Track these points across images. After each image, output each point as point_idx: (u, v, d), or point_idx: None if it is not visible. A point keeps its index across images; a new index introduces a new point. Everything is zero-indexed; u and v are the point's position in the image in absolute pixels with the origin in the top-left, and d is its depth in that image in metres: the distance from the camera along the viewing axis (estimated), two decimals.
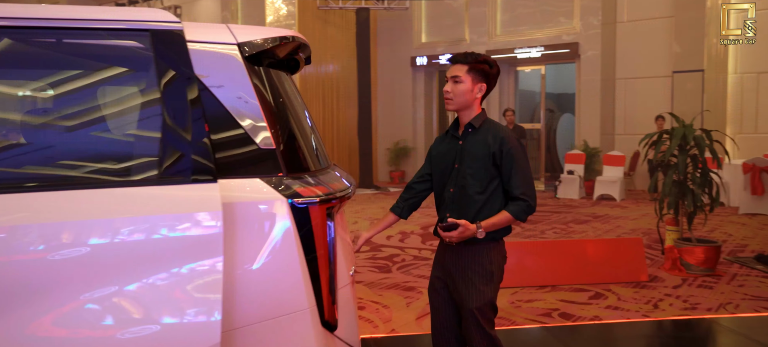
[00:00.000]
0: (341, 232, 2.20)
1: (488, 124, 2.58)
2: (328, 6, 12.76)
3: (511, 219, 2.51)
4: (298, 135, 2.05)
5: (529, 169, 2.56)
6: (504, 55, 13.14)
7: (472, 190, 2.54)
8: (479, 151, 2.53)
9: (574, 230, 7.90)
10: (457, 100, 2.57)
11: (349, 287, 2.13)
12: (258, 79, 1.94)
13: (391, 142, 14.61)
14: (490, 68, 2.57)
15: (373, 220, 8.33)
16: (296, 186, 1.86)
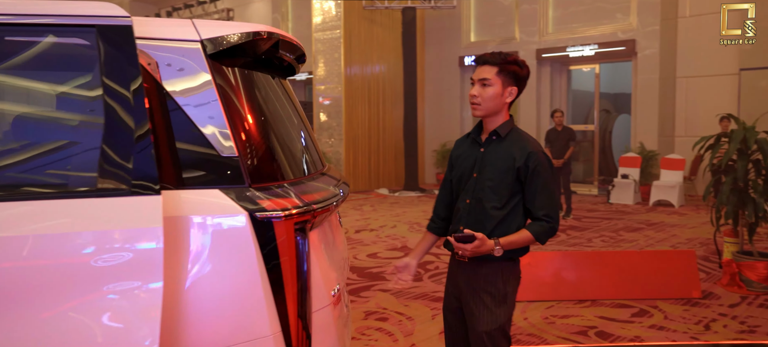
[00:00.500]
0: (322, 248, 2.00)
1: (516, 134, 2.35)
2: (373, 6, 12.62)
3: (531, 239, 2.30)
4: (272, 141, 1.86)
5: (555, 188, 2.35)
6: (556, 54, 12.65)
7: (490, 204, 2.32)
8: (502, 162, 2.31)
9: (623, 238, 7.43)
10: (485, 105, 2.32)
11: (328, 309, 1.93)
12: (224, 80, 1.77)
13: (439, 143, 14.34)
14: (521, 69, 2.34)
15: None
16: (261, 199, 1.68)
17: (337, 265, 2.18)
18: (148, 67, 1.71)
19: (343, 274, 2.30)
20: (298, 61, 2.33)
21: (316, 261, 1.87)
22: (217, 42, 1.76)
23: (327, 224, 2.11)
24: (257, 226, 1.65)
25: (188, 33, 1.75)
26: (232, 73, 1.82)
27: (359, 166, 13.30)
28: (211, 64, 1.74)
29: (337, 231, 2.33)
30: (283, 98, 2.28)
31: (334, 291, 1.99)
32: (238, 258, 1.63)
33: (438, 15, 14.17)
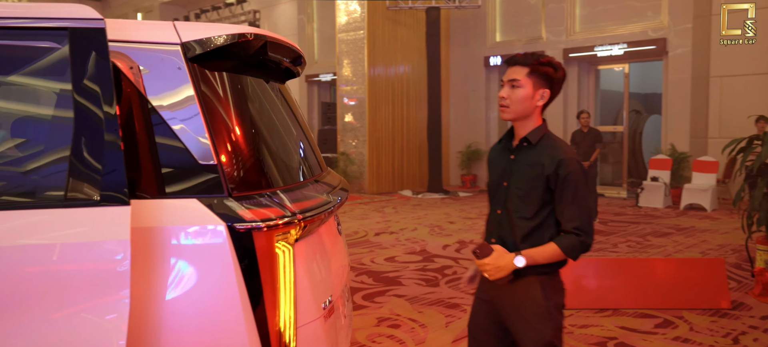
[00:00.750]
0: (313, 257, 1.92)
1: (548, 140, 2.20)
2: (397, 6, 12.53)
3: (559, 253, 2.12)
4: (260, 147, 1.79)
5: (588, 199, 2.16)
6: (583, 53, 12.37)
7: (519, 215, 2.17)
8: (532, 171, 2.16)
9: (651, 244, 7.18)
10: (514, 107, 2.18)
11: (317, 323, 1.84)
12: (208, 85, 1.70)
13: (463, 144, 14.16)
14: (555, 71, 2.18)
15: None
16: (241, 209, 1.60)
17: (331, 275, 2.10)
18: (129, 71, 1.65)
19: (340, 283, 2.21)
20: (295, 63, 2.25)
21: (304, 272, 1.78)
22: (200, 45, 1.69)
23: (321, 232, 2.03)
24: (236, 238, 1.57)
25: (168, 36, 1.69)
26: (217, 76, 1.75)
27: (383, 167, 13.22)
28: (193, 68, 1.68)
29: (333, 239, 2.24)
30: (278, 103, 2.20)
31: (325, 303, 1.90)
32: (215, 271, 1.56)
33: (463, 15, 14.01)
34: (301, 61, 2.30)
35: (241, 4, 17.35)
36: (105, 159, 1.42)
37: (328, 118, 14.50)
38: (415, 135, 13.81)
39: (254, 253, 1.59)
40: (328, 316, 1.93)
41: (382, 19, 13.03)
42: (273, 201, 1.71)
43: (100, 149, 1.43)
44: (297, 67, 2.31)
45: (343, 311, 2.33)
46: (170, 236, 1.53)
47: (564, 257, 2.13)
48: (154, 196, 1.59)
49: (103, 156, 1.43)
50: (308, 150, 2.32)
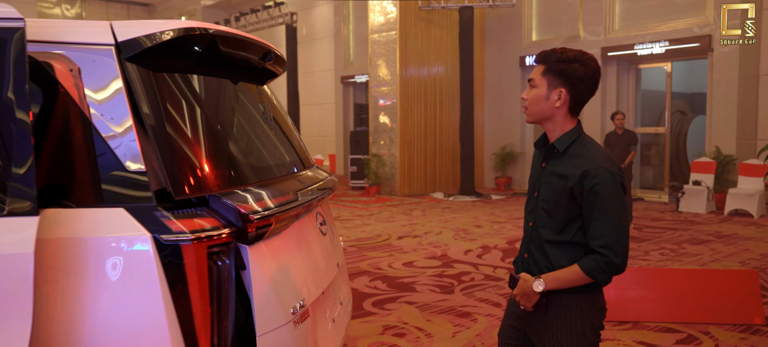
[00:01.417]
0: (282, 259, 1.82)
1: (577, 147, 1.99)
2: (430, 6, 12.37)
3: (582, 276, 1.91)
4: (199, 152, 1.70)
5: (619, 215, 1.90)
6: (623, 52, 11.92)
7: (546, 229, 2.01)
8: (558, 182, 1.98)
9: (686, 252, 6.81)
10: (531, 109, 2.03)
11: (286, 329, 1.72)
12: (146, 86, 1.61)
13: (498, 146, 13.88)
14: (572, 67, 1.95)
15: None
16: (168, 219, 1.51)
17: (307, 277, 1.99)
18: (68, 73, 1.59)
19: (320, 285, 2.10)
20: (265, 59, 2.16)
21: (265, 276, 1.68)
22: (137, 44, 1.62)
23: (291, 232, 1.93)
24: (163, 250, 1.49)
25: (103, 36, 1.62)
26: (161, 77, 1.67)
27: (414, 168, 13.07)
28: (132, 68, 1.60)
29: (312, 239, 2.13)
30: (247, 103, 2.12)
31: (294, 307, 1.79)
32: (139, 286, 1.48)
33: (498, 14, 13.73)
34: (273, 58, 2.21)
35: (278, 7, 17.52)
36: (13, 168, 1.36)
37: (361, 119, 14.46)
38: (448, 136, 13.62)
39: (182, 267, 1.50)
40: (299, 321, 1.82)
41: (414, 20, 12.89)
42: (210, 210, 1.62)
43: (8, 157, 1.36)
44: (269, 64, 2.22)
45: (330, 315, 2.22)
46: (91, 248, 1.46)
47: (588, 280, 1.92)
48: (82, 205, 1.52)
49: (11, 164, 1.36)
50: (280, 150, 2.23)
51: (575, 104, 2.00)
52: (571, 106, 2.00)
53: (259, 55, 2.11)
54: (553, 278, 1.95)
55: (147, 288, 1.47)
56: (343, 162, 17.54)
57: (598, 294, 2.03)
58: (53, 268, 1.42)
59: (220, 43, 1.80)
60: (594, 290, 2.01)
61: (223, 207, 1.63)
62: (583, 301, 1.99)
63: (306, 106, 18.73)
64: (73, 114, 1.55)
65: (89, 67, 1.58)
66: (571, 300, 1.98)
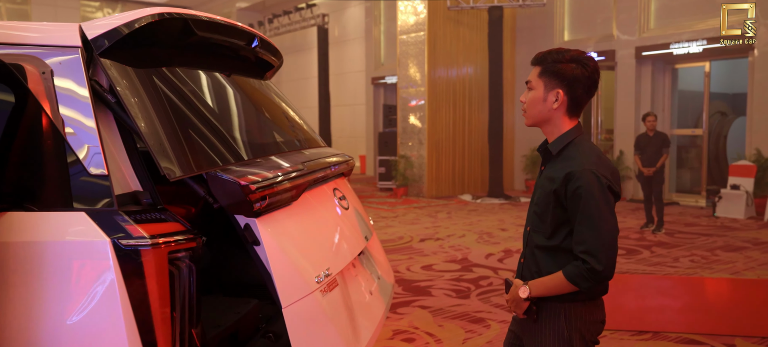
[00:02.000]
0: (289, 232, 1.79)
1: (571, 150, 1.93)
2: (458, 6, 12.24)
3: (566, 284, 1.85)
4: (180, 141, 1.67)
5: (606, 220, 1.82)
6: (658, 52, 11.56)
7: (538, 235, 1.98)
8: (548, 185, 1.94)
9: (718, 259, 6.53)
10: (529, 111, 1.97)
11: (312, 298, 1.70)
12: (120, 82, 1.60)
13: (529, 148, 13.64)
14: (573, 68, 1.88)
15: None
16: (128, 223, 1.49)
17: (329, 247, 1.96)
18: (40, 76, 1.59)
19: (345, 255, 2.04)
20: (249, 44, 2.14)
21: (280, 248, 1.66)
22: (107, 38, 1.60)
23: (310, 202, 1.90)
24: (122, 255, 1.47)
25: (70, 38, 1.61)
26: (136, 72, 1.65)
27: (442, 170, 12.96)
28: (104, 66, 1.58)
29: (331, 209, 2.09)
30: (237, 93, 2.10)
31: (319, 277, 1.74)
32: (95, 291, 1.46)
33: (529, 13, 13.50)
34: (260, 43, 2.19)
35: (310, 9, 17.65)
36: None
37: (389, 120, 14.42)
38: (477, 138, 13.45)
39: (142, 273, 1.48)
40: (326, 290, 1.77)
41: (443, 20, 12.78)
42: (172, 215, 1.59)
43: None
44: (261, 53, 2.21)
45: (366, 287, 2.16)
46: (49, 252, 1.45)
47: (573, 288, 1.85)
48: (44, 208, 1.51)
49: None
50: (278, 132, 2.20)
51: (573, 105, 1.93)
52: (569, 107, 1.93)
53: (244, 41, 2.09)
54: (539, 284, 1.91)
55: (105, 294, 1.45)
56: (373, 163, 17.52)
57: (593, 304, 1.94)
58: (9, 271, 1.41)
59: (195, 27, 1.78)
60: (587, 299, 1.92)
61: (222, 183, 1.60)
62: (573, 310, 1.92)
63: (337, 107, 18.80)
64: (40, 117, 1.55)
65: (57, 70, 1.58)
66: (560, 308, 1.92)
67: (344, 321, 1.80)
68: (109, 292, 1.45)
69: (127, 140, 1.64)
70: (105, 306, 1.45)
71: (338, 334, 1.73)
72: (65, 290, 1.45)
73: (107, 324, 1.45)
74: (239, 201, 1.63)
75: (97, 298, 1.45)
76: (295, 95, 20.71)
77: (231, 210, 1.68)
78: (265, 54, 2.28)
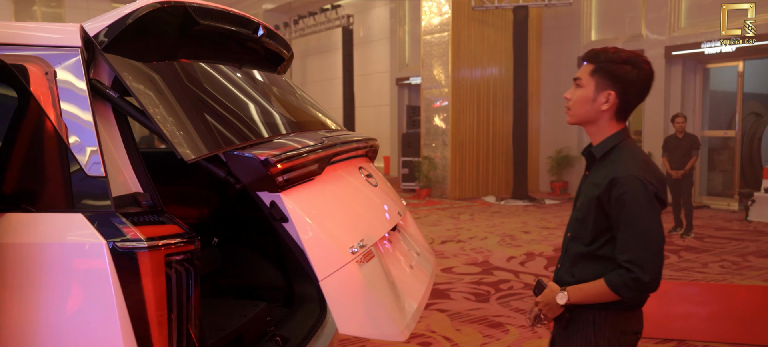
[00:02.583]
0: (319, 204, 1.76)
1: (616, 154, 1.85)
2: (483, 6, 12.12)
3: (608, 292, 1.76)
4: (191, 127, 1.65)
5: (652, 228, 1.74)
6: (689, 51, 11.27)
7: (576, 242, 1.90)
8: (590, 190, 1.87)
9: (749, 265, 6.32)
10: (574, 110, 1.89)
11: (348, 269, 1.64)
12: (126, 76, 1.59)
13: (554, 149, 13.44)
14: (628, 70, 1.80)
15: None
16: (124, 225, 1.48)
17: (364, 217, 1.94)
18: (43, 77, 1.59)
19: (383, 225, 2.00)
20: (254, 33, 2.11)
21: (309, 221, 1.62)
22: (109, 31, 1.59)
23: (335, 177, 1.88)
24: (118, 258, 1.45)
25: (71, 39, 1.60)
26: (140, 63, 1.64)
27: (466, 172, 12.85)
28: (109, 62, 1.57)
29: (358, 184, 2.06)
30: (245, 80, 2.07)
31: (354, 247, 1.69)
32: (91, 294, 1.45)
33: (555, 13, 13.30)
34: (266, 32, 2.16)
35: (335, 10, 17.70)
36: None
37: (413, 121, 14.36)
38: (502, 139, 13.31)
39: (139, 276, 1.46)
40: (363, 261, 1.72)
41: (467, 20, 12.68)
42: (171, 217, 1.57)
43: None
44: (268, 43, 2.19)
45: (405, 261, 2.10)
46: (45, 253, 1.44)
47: (614, 297, 1.77)
48: (42, 210, 1.50)
49: None
50: (294, 115, 2.17)
51: (623, 109, 1.85)
52: (618, 110, 1.85)
53: (249, 30, 2.07)
54: (578, 291, 1.83)
55: (101, 296, 1.44)
56: (397, 164, 17.48)
57: (628, 315, 1.85)
58: (5, 273, 1.40)
59: (195, 15, 1.76)
60: (622, 309, 1.83)
61: (241, 160, 1.57)
62: (605, 320, 1.83)
63: (362, 107, 18.80)
64: (40, 118, 1.54)
65: (58, 71, 1.57)
66: (589, 316, 1.85)
67: (385, 292, 1.73)
68: (104, 295, 1.44)
69: (128, 141, 1.63)
70: (101, 308, 1.44)
71: (380, 304, 1.66)
72: (61, 292, 1.44)
73: (103, 327, 1.44)
74: (261, 177, 1.58)
75: (92, 301, 1.44)
76: (319, 96, 20.78)
77: (254, 188, 1.63)
78: (274, 45, 2.25)
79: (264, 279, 2.77)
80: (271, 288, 2.71)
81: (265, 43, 2.19)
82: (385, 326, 1.62)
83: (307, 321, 2.48)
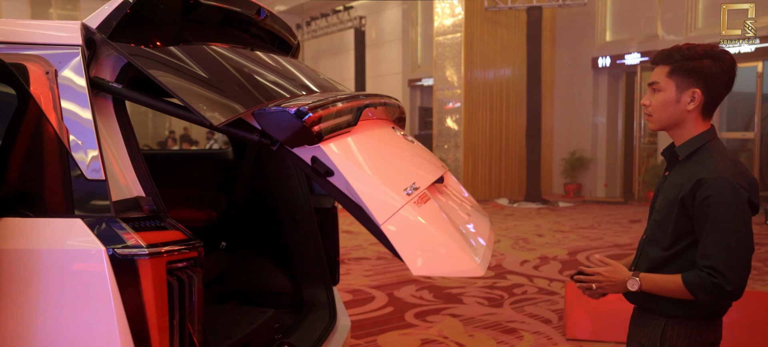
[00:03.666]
0: (361, 150, 1.69)
1: (702, 154, 1.77)
2: (496, 7, 12.02)
3: (682, 289, 1.69)
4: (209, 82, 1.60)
5: (737, 234, 1.66)
6: None
7: (654, 243, 1.84)
8: (671, 192, 1.80)
9: (763, 272, 6.18)
10: (656, 115, 1.81)
11: (409, 207, 1.56)
12: (132, 63, 1.54)
13: (568, 151, 13.29)
14: (710, 64, 1.74)
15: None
16: (126, 232, 1.42)
17: (410, 165, 1.87)
18: (44, 76, 1.55)
19: (431, 173, 1.92)
20: (259, 14, 2.07)
21: (356, 169, 1.55)
22: (113, 17, 1.54)
23: (372, 130, 1.81)
24: (117, 264, 1.40)
25: (72, 37, 1.56)
26: (150, 45, 1.60)
27: (479, 174, 12.75)
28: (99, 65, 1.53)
29: (395, 138, 1.99)
30: (259, 55, 2.02)
31: (408, 189, 1.62)
32: (90, 301, 1.40)
33: (569, 13, 13.16)
34: (268, 15, 2.12)
35: (347, 11, 17.69)
36: None
37: (425, 122, 14.29)
38: (515, 141, 13.19)
39: (139, 282, 1.41)
40: (420, 202, 1.64)
41: (480, 21, 12.59)
42: (172, 223, 1.51)
43: None
44: (271, 25, 2.14)
45: (461, 209, 2.00)
46: (42, 260, 1.39)
47: (687, 294, 1.70)
48: (40, 214, 1.45)
49: None
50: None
51: (710, 105, 1.78)
52: (705, 107, 1.77)
53: (252, 12, 2.02)
54: (651, 281, 1.76)
55: (100, 303, 1.39)
56: None
57: (701, 322, 1.77)
58: (3, 280, 1.36)
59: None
60: (692, 319, 1.76)
61: (273, 116, 1.52)
62: (672, 328, 1.77)
63: None
64: (39, 120, 1.50)
65: (58, 70, 1.53)
66: (660, 322, 1.80)
67: (451, 230, 1.63)
68: (103, 303, 1.38)
69: (130, 144, 1.58)
70: (99, 317, 1.39)
71: (448, 242, 1.55)
72: (60, 300, 1.39)
73: (102, 335, 1.39)
74: (297, 130, 1.51)
75: (91, 309, 1.39)
76: None
77: (291, 144, 1.56)
78: (278, 30, 2.21)
79: (273, 284, 2.72)
80: (280, 294, 2.66)
81: (270, 27, 2.15)
82: (459, 262, 1.50)
83: (316, 327, 2.42)
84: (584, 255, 6.91)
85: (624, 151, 13.07)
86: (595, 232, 8.59)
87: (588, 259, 6.72)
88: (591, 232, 8.59)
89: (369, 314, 4.67)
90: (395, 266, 6.36)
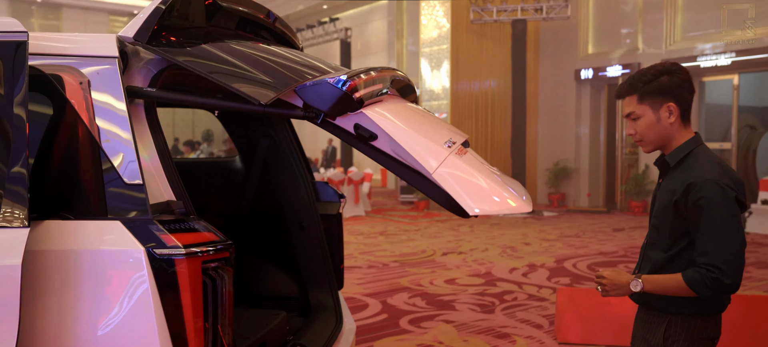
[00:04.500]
0: (396, 111, 1.80)
1: (690, 160, 1.89)
2: (482, 19, 12.23)
3: (683, 287, 1.80)
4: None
5: (729, 231, 1.78)
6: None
7: (654, 247, 1.96)
8: (665, 197, 1.92)
9: (750, 276, 6.38)
10: (646, 139, 1.94)
11: (452, 158, 1.67)
12: (172, 61, 1.63)
13: (552, 161, 13.51)
14: (669, 78, 1.89)
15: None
16: (163, 233, 1.50)
17: (441, 127, 1.97)
18: (78, 86, 1.62)
19: (459, 135, 2.01)
20: (269, 17, 2.19)
21: (398, 128, 1.66)
22: (149, 22, 1.62)
23: (398, 103, 1.92)
24: (156, 265, 1.47)
25: (108, 49, 1.63)
26: (185, 43, 1.70)
27: None
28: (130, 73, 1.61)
29: (419, 110, 2.10)
30: (274, 47, 2.12)
31: (447, 142, 1.73)
32: (130, 300, 1.47)
33: (553, 26, 13.43)
34: (276, 18, 2.24)
35: (333, 23, 17.80)
36: (8, 181, 1.38)
37: None
38: (500, 151, 13.38)
39: (176, 282, 1.48)
40: (460, 153, 1.74)
41: (466, 33, 12.79)
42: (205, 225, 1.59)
43: (3, 170, 1.38)
44: (280, 27, 2.26)
45: (490, 170, 2.07)
46: (84, 260, 1.46)
47: (690, 292, 1.80)
48: (80, 217, 1.53)
49: (6, 177, 1.38)
50: None
51: (684, 112, 1.92)
52: (682, 115, 1.92)
53: (263, 14, 2.14)
54: (653, 281, 1.86)
55: (139, 303, 1.46)
56: (395, 176, 17.51)
57: (703, 319, 1.88)
58: (44, 280, 1.42)
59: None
60: (692, 316, 1.87)
61: (314, 89, 1.63)
62: (674, 325, 1.88)
63: None
64: (77, 126, 1.57)
65: (94, 80, 1.60)
66: (662, 320, 1.90)
67: (493, 176, 1.74)
68: (143, 302, 1.45)
69: (162, 149, 1.66)
70: (139, 315, 1.46)
71: (496, 184, 1.66)
72: (100, 299, 1.46)
73: (141, 333, 1.46)
74: (339, 97, 1.61)
75: (131, 308, 1.46)
76: None
77: (334, 113, 1.66)
78: (287, 32, 2.34)
79: (279, 289, 2.79)
80: (288, 297, 2.73)
81: (279, 29, 2.26)
82: (511, 199, 1.61)
83: (324, 330, 2.50)
84: (571, 263, 7.06)
85: (606, 161, 13.32)
86: (581, 240, 8.76)
87: (575, 267, 6.86)
88: (576, 240, 8.76)
89: (364, 321, 4.75)
90: (386, 274, 6.45)
